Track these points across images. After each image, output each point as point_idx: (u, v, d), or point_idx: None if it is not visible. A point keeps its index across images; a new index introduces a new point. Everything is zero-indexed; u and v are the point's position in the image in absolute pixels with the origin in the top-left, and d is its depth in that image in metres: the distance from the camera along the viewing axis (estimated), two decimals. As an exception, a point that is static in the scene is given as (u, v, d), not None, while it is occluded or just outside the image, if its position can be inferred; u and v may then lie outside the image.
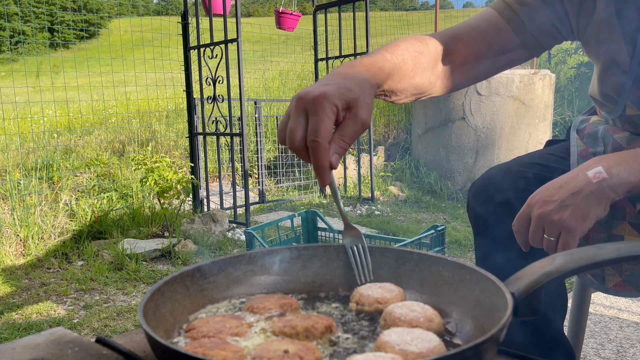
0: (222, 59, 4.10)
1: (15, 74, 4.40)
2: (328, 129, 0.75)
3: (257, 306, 0.73)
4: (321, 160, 0.75)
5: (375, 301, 0.74)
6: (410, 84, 0.99)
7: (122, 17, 11.43)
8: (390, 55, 0.94)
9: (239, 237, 3.94)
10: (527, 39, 1.10)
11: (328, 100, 0.76)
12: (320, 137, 0.74)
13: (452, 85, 1.11)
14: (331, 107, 0.76)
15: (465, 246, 3.77)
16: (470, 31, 1.11)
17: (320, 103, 0.75)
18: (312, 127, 0.75)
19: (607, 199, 0.92)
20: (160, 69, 5.04)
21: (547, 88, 5.38)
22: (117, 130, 5.85)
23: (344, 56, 5.24)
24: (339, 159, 0.77)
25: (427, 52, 1.03)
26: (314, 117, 0.75)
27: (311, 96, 0.76)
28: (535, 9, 1.08)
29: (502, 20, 1.09)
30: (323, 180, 0.76)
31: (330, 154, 0.76)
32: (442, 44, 1.07)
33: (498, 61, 1.12)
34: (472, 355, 0.53)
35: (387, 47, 0.97)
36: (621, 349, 2.23)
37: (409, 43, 1.01)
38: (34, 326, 2.56)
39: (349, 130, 0.77)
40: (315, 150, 0.74)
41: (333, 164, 0.76)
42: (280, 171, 5.96)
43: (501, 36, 1.10)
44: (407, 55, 0.97)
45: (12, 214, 3.69)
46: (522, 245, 1.00)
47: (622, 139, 1.12)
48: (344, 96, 0.77)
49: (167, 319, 0.70)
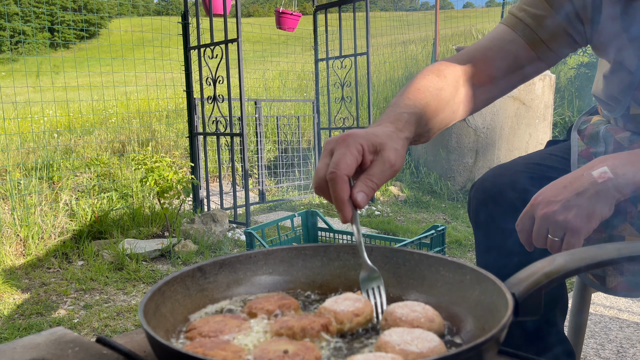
0: (222, 59, 4.10)
1: (15, 73, 4.40)
2: (349, 162, 0.74)
3: (256, 306, 0.73)
4: (339, 193, 0.72)
5: (353, 315, 0.70)
6: (435, 122, 0.98)
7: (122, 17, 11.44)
8: (413, 104, 0.93)
9: (239, 237, 3.94)
10: (543, 51, 1.09)
11: (354, 139, 0.75)
12: (338, 169, 0.73)
13: (474, 107, 1.10)
14: (356, 145, 0.75)
15: (466, 246, 3.77)
16: (486, 51, 1.10)
17: (346, 141, 0.75)
18: (333, 161, 0.74)
19: (612, 199, 0.92)
20: (160, 69, 5.05)
21: (547, 88, 5.38)
22: (117, 130, 5.85)
23: (344, 56, 5.24)
24: (365, 198, 0.74)
25: (447, 86, 1.02)
26: (337, 153, 0.75)
27: (338, 137, 0.77)
28: (548, 19, 1.07)
29: (517, 37, 1.09)
30: (343, 215, 0.73)
31: (355, 191, 0.74)
32: (460, 69, 1.06)
33: (517, 76, 1.12)
34: (473, 356, 0.53)
35: (408, 92, 0.96)
36: (621, 349, 2.23)
37: (427, 82, 0.99)
38: (34, 326, 2.56)
39: (376, 170, 0.76)
40: (333, 182, 0.72)
41: (358, 201, 0.73)
42: (280, 171, 5.96)
43: (518, 53, 1.09)
44: (429, 98, 0.96)
45: (12, 214, 3.69)
46: (526, 245, 1.00)
47: (624, 139, 1.12)
48: (370, 139, 0.77)
49: (167, 319, 0.70)
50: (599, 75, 1.20)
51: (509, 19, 1.11)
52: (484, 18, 11.30)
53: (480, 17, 11.39)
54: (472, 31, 9.88)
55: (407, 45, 9.77)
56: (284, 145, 6.17)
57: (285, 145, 6.17)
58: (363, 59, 5.31)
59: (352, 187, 0.75)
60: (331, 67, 5.45)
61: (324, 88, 5.82)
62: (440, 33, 7.40)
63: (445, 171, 5.54)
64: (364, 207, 0.75)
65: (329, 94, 5.59)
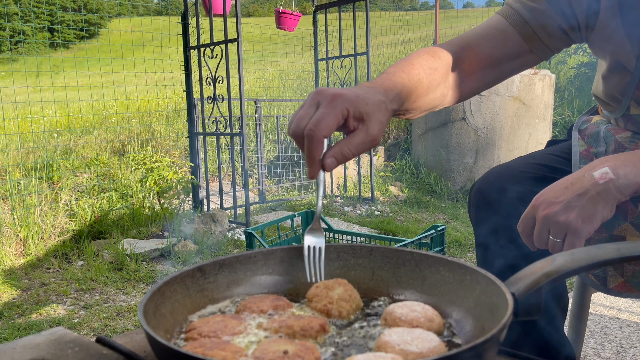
0: (222, 59, 4.10)
1: (15, 73, 4.40)
2: (330, 124, 0.74)
3: (250, 307, 0.73)
4: (313, 151, 0.74)
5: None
6: (424, 101, 0.99)
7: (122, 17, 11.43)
8: (407, 77, 0.93)
9: (239, 237, 3.94)
10: (536, 44, 1.09)
11: (342, 101, 0.76)
12: (317, 128, 0.74)
13: (462, 95, 1.11)
14: (342, 108, 0.75)
15: (465, 246, 3.77)
16: (479, 39, 1.10)
17: (334, 100, 0.75)
18: (316, 117, 0.75)
19: (613, 200, 0.91)
20: (160, 69, 5.04)
21: (547, 88, 5.38)
22: (117, 130, 5.85)
23: (344, 56, 5.24)
24: (334, 163, 0.76)
25: (440, 67, 1.02)
26: (322, 110, 0.75)
27: (328, 92, 0.76)
28: (543, 13, 1.07)
29: (510, 27, 1.09)
30: (310, 172, 0.76)
31: (328, 154, 0.75)
32: (453, 54, 1.06)
33: (507, 67, 1.12)
34: (473, 356, 0.53)
35: (403, 65, 0.96)
36: (621, 349, 2.23)
37: (422, 59, 1.00)
38: (34, 326, 2.56)
39: (357, 140, 0.77)
40: (309, 139, 0.74)
41: (326, 165, 0.75)
42: (280, 171, 5.96)
43: (510, 43, 1.09)
44: (422, 75, 0.97)
45: (12, 214, 3.69)
46: (530, 246, 1.00)
47: (624, 139, 1.12)
48: (359, 105, 0.77)
49: (167, 319, 0.70)
50: (598, 76, 1.20)
51: (505, 9, 1.12)
52: (484, 18, 11.29)
53: (480, 17, 11.39)
54: (472, 31, 9.87)
55: (407, 45, 9.77)
56: (284, 145, 6.17)
57: (285, 145, 6.17)
58: (363, 59, 5.31)
59: (328, 148, 0.77)
60: (331, 67, 5.45)
61: (324, 88, 5.81)
62: (440, 33, 7.40)
63: (445, 171, 5.54)
64: (330, 171, 0.78)
65: (329, 94, 5.58)
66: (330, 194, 5.57)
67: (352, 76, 5.24)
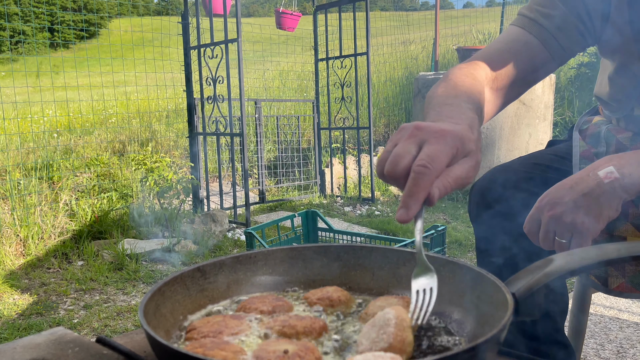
0: (222, 59, 4.10)
1: (15, 73, 4.40)
2: (443, 161, 0.66)
3: (250, 307, 0.73)
4: (420, 190, 0.65)
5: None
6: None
7: (122, 17, 11.43)
8: (473, 107, 0.86)
9: (239, 237, 3.94)
10: (556, 50, 1.08)
11: (452, 137, 0.68)
12: (433, 164, 0.65)
13: (493, 112, 1.07)
14: (453, 145, 0.67)
15: (466, 246, 3.77)
16: (504, 55, 1.07)
17: (445, 136, 0.68)
18: (427, 153, 0.66)
19: (619, 200, 0.91)
20: (160, 69, 5.05)
21: (547, 88, 5.38)
22: (117, 130, 5.85)
23: (344, 56, 5.24)
24: (439, 195, 0.66)
25: (482, 91, 0.97)
26: (433, 146, 0.66)
27: (436, 128, 0.69)
28: (562, 18, 1.06)
29: (531, 38, 1.07)
30: (408, 212, 0.65)
31: (433, 185, 0.66)
32: (483, 73, 1.03)
33: (532, 77, 1.10)
34: (473, 356, 0.53)
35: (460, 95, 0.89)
36: (621, 350, 2.23)
37: (472, 87, 0.94)
38: (34, 326, 2.56)
39: (458, 173, 0.68)
40: (421, 176, 0.64)
41: (432, 197, 0.65)
42: (280, 171, 5.96)
43: (534, 54, 1.08)
44: (478, 104, 0.90)
45: (12, 214, 3.69)
46: (543, 246, 0.97)
47: (625, 139, 1.12)
48: (466, 144, 0.70)
49: (167, 319, 0.70)
50: (602, 77, 1.20)
51: (521, 20, 1.10)
52: (484, 18, 11.29)
53: (480, 17, 11.37)
54: (473, 31, 9.87)
55: (407, 45, 9.76)
56: (284, 145, 6.16)
57: (285, 145, 6.17)
58: (363, 59, 5.31)
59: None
60: (331, 67, 5.46)
61: (324, 88, 5.82)
62: (441, 33, 7.40)
63: (445, 171, 5.54)
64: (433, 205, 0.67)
65: (329, 94, 5.59)
66: (331, 194, 5.57)
67: (352, 76, 5.24)
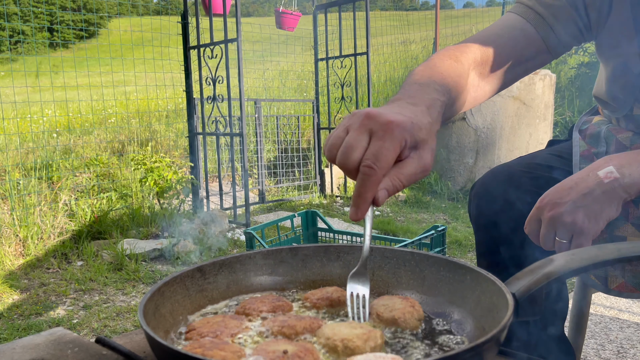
0: (222, 58, 4.10)
1: (14, 73, 4.39)
2: (389, 160, 0.66)
3: (250, 307, 0.73)
4: (367, 190, 0.65)
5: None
6: (450, 113, 0.93)
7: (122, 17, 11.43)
8: (441, 89, 0.85)
9: (239, 237, 3.94)
10: (552, 42, 1.08)
11: (400, 131, 0.67)
12: (377, 165, 0.65)
13: (478, 99, 1.06)
14: (401, 139, 0.67)
15: (466, 246, 3.77)
16: (499, 40, 1.07)
17: (391, 130, 0.66)
18: (373, 151, 0.65)
19: (619, 199, 0.91)
20: (160, 69, 5.04)
21: (547, 88, 5.38)
22: (117, 130, 5.85)
23: (344, 56, 5.24)
24: (387, 196, 0.67)
25: (464, 73, 0.97)
26: (379, 142, 0.66)
27: (384, 119, 0.67)
28: (559, 9, 1.06)
29: (528, 26, 1.07)
30: (358, 212, 0.66)
31: (379, 186, 0.66)
32: (471, 58, 1.02)
33: (524, 67, 1.10)
34: (473, 356, 0.53)
35: (432, 74, 0.89)
36: (621, 350, 2.23)
37: (448, 66, 0.93)
38: (34, 326, 2.56)
39: (409, 170, 0.68)
40: (367, 177, 0.65)
41: (379, 199, 0.66)
42: (280, 171, 5.96)
43: (529, 42, 1.07)
44: (451, 85, 0.90)
45: (12, 214, 3.69)
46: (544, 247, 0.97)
47: (625, 139, 1.12)
48: (415, 134, 0.69)
49: (167, 319, 0.70)
50: (601, 77, 1.20)
51: (519, 7, 1.10)
52: (484, 18, 11.29)
53: (480, 17, 11.38)
54: (473, 31, 9.88)
55: (407, 45, 9.77)
56: (284, 145, 6.16)
57: (285, 145, 6.16)
58: (363, 58, 5.31)
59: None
60: (331, 67, 5.45)
61: (324, 88, 5.82)
62: (441, 33, 7.41)
63: (445, 171, 5.54)
64: (380, 206, 0.68)
65: (329, 94, 5.59)
66: (330, 194, 5.57)
67: (352, 76, 5.24)
